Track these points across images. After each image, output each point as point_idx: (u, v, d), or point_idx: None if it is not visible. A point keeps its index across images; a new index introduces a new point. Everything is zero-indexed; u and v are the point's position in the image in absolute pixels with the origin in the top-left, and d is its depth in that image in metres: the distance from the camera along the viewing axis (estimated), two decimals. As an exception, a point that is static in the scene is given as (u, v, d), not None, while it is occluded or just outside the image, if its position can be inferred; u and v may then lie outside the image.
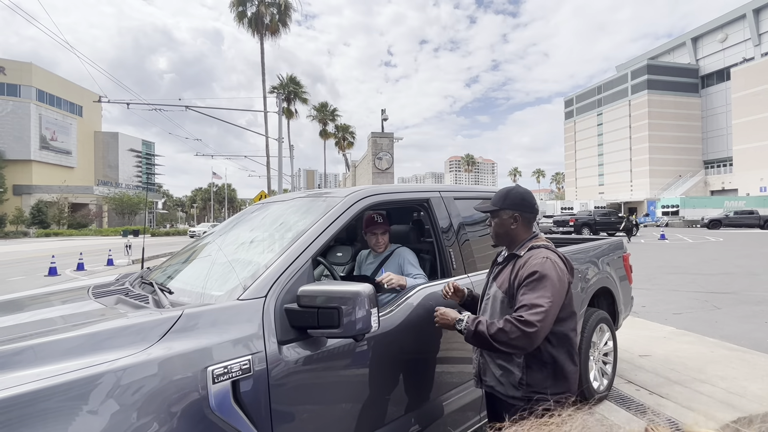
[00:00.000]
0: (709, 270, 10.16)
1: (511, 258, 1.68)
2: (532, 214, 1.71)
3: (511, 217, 1.69)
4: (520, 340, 1.42)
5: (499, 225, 1.71)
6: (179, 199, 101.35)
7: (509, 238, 1.70)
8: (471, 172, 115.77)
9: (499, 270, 1.72)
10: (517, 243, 1.69)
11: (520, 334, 1.42)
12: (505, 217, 1.70)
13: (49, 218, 44.52)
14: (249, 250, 1.99)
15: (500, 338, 1.45)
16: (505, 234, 1.70)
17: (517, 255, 1.65)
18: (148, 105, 16.89)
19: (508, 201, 1.69)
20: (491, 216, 1.75)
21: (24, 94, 49.95)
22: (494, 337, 1.46)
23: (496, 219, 1.72)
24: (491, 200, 1.75)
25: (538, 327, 1.41)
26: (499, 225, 1.71)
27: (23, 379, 1.00)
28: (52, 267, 11.69)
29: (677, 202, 42.72)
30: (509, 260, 1.68)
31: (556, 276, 1.50)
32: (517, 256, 1.65)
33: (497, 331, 1.45)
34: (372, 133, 21.00)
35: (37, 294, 2.12)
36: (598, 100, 66.32)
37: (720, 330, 5.05)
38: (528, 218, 1.71)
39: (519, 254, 1.65)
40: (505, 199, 1.70)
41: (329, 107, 47.64)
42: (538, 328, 1.41)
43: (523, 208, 1.69)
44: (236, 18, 28.26)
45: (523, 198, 1.71)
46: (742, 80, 48.51)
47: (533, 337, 1.42)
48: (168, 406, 1.13)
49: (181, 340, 1.24)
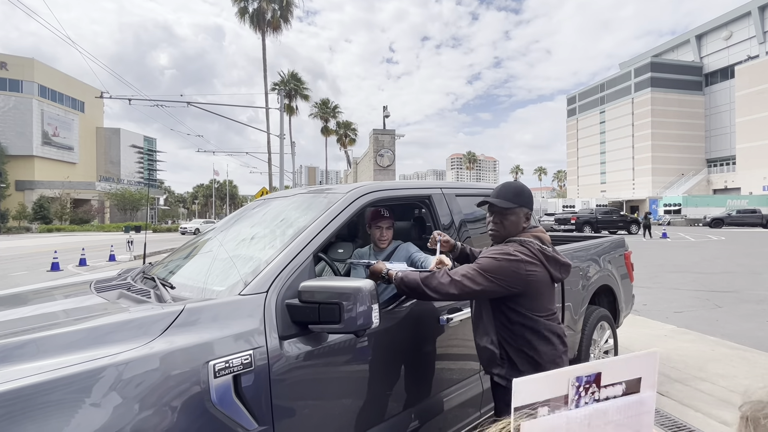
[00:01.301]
0: (711, 269, 10.14)
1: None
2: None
3: (525, 215, 1.69)
4: (445, 286, 1.57)
5: (513, 224, 1.67)
6: (181, 196, 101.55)
7: (513, 235, 1.69)
8: (472, 170, 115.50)
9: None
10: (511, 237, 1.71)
11: (448, 280, 1.57)
12: (521, 215, 1.68)
13: (51, 214, 44.66)
14: (250, 246, 1.99)
15: (429, 282, 1.59)
16: (515, 232, 1.68)
17: (493, 245, 1.76)
18: (149, 101, 16.89)
19: (523, 199, 1.67)
20: (502, 213, 1.68)
21: (26, 89, 49.99)
22: (425, 281, 1.59)
23: (512, 217, 1.66)
24: (500, 197, 1.68)
25: (460, 278, 1.56)
26: (512, 224, 1.67)
27: (26, 372, 1.01)
28: (55, 262, 11.73)
29: (679, 200, 42.58)
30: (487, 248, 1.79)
31: (506, 260, 1.56)
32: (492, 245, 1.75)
33: (430, 275, 1.60)
34: (373, 130, 20.96)
35: (39, 288, 2.13)
36: (600, 97, 66.00)
37: (721, 328, 5.05)
38: (532, 215, 1.73)
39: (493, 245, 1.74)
40: (520, 197, 1.67)
41: (331, 104, 47.59)
42: (458, 279, 1.56)
43: (531, 205, 1.71)
44: (238, 14, 28.19)
45: (531, 195, 1.73)
46: (746, 78, 48.18)
47: (455, 285, 1.56)
48: (169, 400, 1.13)
49: (183, 334, 1.25)
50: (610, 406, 0.63)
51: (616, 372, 0.64)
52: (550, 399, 0.62)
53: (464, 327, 2.07)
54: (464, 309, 2.06)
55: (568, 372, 0.63)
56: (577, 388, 0.62)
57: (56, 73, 54.75)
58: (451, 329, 2.02)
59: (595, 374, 0.63)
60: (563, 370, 0.64)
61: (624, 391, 0.64)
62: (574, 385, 0.62)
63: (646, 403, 0.64)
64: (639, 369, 0.65)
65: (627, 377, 0.64)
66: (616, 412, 0.63)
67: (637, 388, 0.64)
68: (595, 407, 0.63)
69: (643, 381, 0.64)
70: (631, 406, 0.63)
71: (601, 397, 0.63)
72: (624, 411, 0.63)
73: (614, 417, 0.63)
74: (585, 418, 0.63)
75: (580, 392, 0.63)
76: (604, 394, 0.63)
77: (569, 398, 0.62)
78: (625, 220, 26.74)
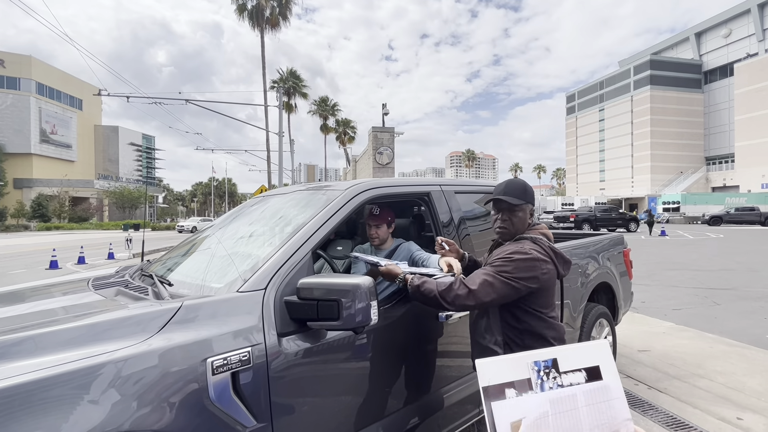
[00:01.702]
0: (709, 266, 10.16)
1: (496, 246, 1.76)
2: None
3: (530, 211, 1.70)
4: (462, 298, 1.52)
5: (521, 221, 1.68)
6: (180, 194, 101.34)
7: (521, 232, 1.69)
8: (472, 168, 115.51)
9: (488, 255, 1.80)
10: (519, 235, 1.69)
11: (465, 291, 1.52)
12: (527, 211, 1.69)
13: (49, 212, 44.57)
14: (248, 243, 1.99)
15: (446, 294, 1.54)
16: (522, 229, 1.69)
17: (502, 243, 1.73)
18: (148, 98, 16.83)
19: (529, 195, 1.69)
20: (512, 210, 1.67)
21: (24, 87, 49.77)
22: (442, 294, 1.54)
23: (520, 213, 1.67)
24: (509, 194, 1.67)
25: (477, 288, 1.51)
26: (521, 221, 1.68)
27: (24, 369, 1.01)
28: (53, 260, 11.72)
29: (678, 198, 42.65)
30: (495, 247, 1.77)
31: (523, 259, 1.54)
32: (501, 244, 1.73)
33: (447, 288, 1.54)
34: (373, 127, 20.93)
35: (38, 285, 2.13)
36: (600, 95, 65.96)
37: (719, 326, 5.06)
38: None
39: (506, 244, 1.71)
40: (525, 193, 1.68)
41: (330, 102, 47.47)
42: (478, 289, 1.51)
43: (534, 201, 1.72)
44: (236, 11, 28.09)
45: (533, 191, 1.74)
46: (745, 76, 48.18)
47: (473, 296, 1.51)
48: (168, 397, 1.13)
49: (181, 331, 1.24)
50: (577, 391, 0.68)
51: (571, 359, 0.70)
52: (515, 381, 0.68)
53: (463, 324, 2.07)
54: (463, 306, 2.05)
55: (526, 356, 0.70)
56: (538, 372, 0.69)
57: (54, 71, 54.51)
58: (450, 326, 2.02)
59: (551, 359, 0.69)
60: (520, 355, 0.71)
61: (586, 378, 0.69)
62: (534, 369, 0.69)
63: (613, 390, 0.68)
64: (593, 357, 0.71)
65: (584, 364, 0.70)
66: (584, 397, 0.68)
67: (599, 375, 0.69)
68: (561, 391, 0.68)
69: (602, 368, 0.69)
70: (598, 392, 0.68)
71: (564, 383, 0.69)
72: (593, 396, 0.68)
73: (585, 401, 0.67)
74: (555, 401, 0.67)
75: (542, 376, 0.69)
76: (567, 380, 0.69)
77: (533, 382, 0.68)
78: (623, 217, 26.78)
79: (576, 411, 0.68)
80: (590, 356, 0.71)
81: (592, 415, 0.68)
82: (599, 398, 0.68)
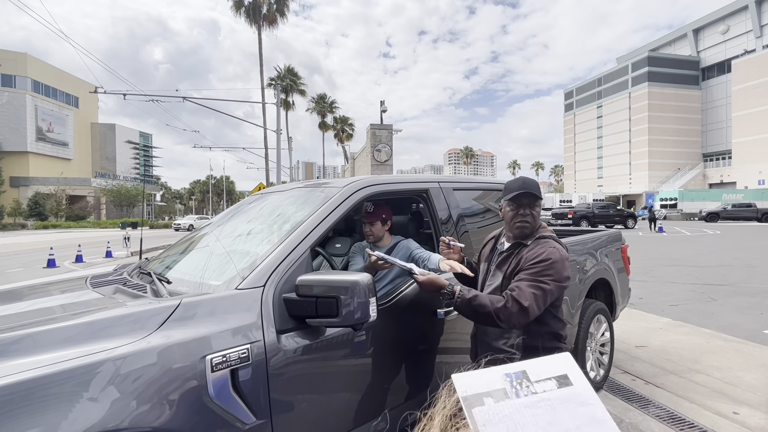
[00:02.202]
0: (706, 262, 10.21)
1: (517, 246, 1.68)
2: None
3: (541, 207, 1.72)
4: (516, 316, 1.49)
5: (539, 215, 1.69)
6: (178, 192, 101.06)
7: (538, 227, 1.70)
8: (470, 165, 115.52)
9: (503, 258, 1.71)
10: (535, 233, 1.68)
11: (518, 309, 1.48)
12: (541, 207, 1.70)
13: (46, 210, 44.39)
14: (247, 241, 1.99)
15: (500, 313, 1.49)
16: (538, 224, 1.69)
17: (524, 244, 1.66)
18: (144, 96, 16.74)
19: (540, 192, 1.70)
20: (534, 206, 1.66)
21: (19, 84, 49.42)
22: (497, 312, 1.49)
23: (538, 208, 1.67)
24: (533, 189, 1.65)
25: (529, 303, 1.48)
26: (539, 215, 1.69)
27: (23, 367, 1.01)
28: (51, 259, 11.68)
29: (676, 195, 42.82)
30: (515, 249, 1.69)
31: (560, 261, 1.55)
32: (524, 245, 1.66)
33: (502, 306, 1.50)
34: (371, 125, 20.88)
35: (35, 284, 2.12)
36: (598, 92, 65.98)
37: (716, 321, 5.09)
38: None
39: (526, 243, 1.66)
40: (539, 190, 1.68)
41: (328, 99, 47.34)
42: (531, 303, 1.48)
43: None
44: (233, 7, 27.92)
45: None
46: (742, 72, 48.27)
47: (527, 313, 1.48)
48: (167, 394, 1.13)
49: (180, 328, 1.24)
50: (551, 396, 0.72)
51: (539, 369, 0.75)
52: (491, 391, 0.72)
53: (461, 320, 2.07)
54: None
55: (497, 370, 0.76)
56: (511, 382, 0.73)
57: (50, 68, 54.14)
58: (448, 322, 2.02)
59: (521, 371, 0.75)
60: (493, 369, 0.77)
61: (557, 386, 0.73)
62: (507, 380, 0.73)
63: (585, 395, 0.71)
64: (559, 367, 0.75)
65: (552, 374, 0.74)
66: (559, 401, 0.71)
67: (569, 382, 0.73)
68: (537, 397, 0.72)
69: (570, 376, 0.73)
70: (571, 397, 0.71)
71: (537, 390, 0.73)
72: (567, 399, 0.71)
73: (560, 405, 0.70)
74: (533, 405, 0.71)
75: (515, 386, 0.73)
76: (540, 388, 0.73)
77: (507, 391, 0.72)
78: (621, 214, 26.86)
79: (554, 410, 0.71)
80: (557, 366, 0.76)
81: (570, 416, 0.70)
82: (575, 401, 0.71)
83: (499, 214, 1.87)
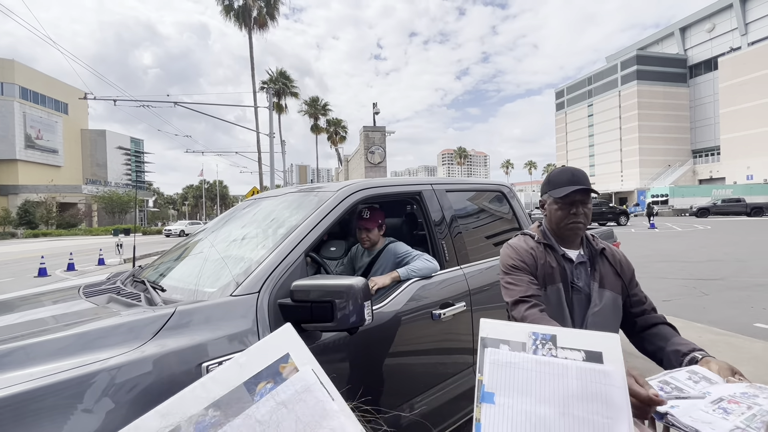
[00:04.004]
0: (698, 257, 10.34)
1: (599, 253, 1.48)
2: None
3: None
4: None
5: (590, 212, 1.46)
6: (170, 197, 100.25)
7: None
8: (464, 165, 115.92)
9: (593, 270, 1.44)
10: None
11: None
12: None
13: (36, 218, 43.77)
14: (241, 247, 1.98)
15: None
16: (589, 222, 1.49)
17: (603, 248, 1.50)
18: (135, 101, 16.61)
19: (590, 183, 1.50)
20: (585, 203, 1.43)
21: (7, 91, 48.81)
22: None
23: (589, 205, 1.45)
24: (582, 184, 1.41)
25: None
26: (590, 212, 1.45)
27: (15, 380, 1.00)
28: (42, 268, 11.52)
29: (666, 191, 43.28)
30: (597, 256, 1.47)
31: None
32: (603, 249, 1.50)
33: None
34: (364, 127, 20.89)
35: (27, 294, 2.09)
36: (588, 91, 66.68)
37: (708, 315, 5.17)
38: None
39: (603, 246, 1.50)
40: (589, 181, 1.47)
41: (320, 102, 47.31)
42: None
43: None
44: (223, 11, 27.83)
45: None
46: (729, 70, 49.07)
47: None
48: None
49: (175, 337, 1.24)
50: (570, 364, 0.70)
51: (571, 339, 0.72)
52: (510, 341, 0.73)
53: (457, 321, 2.09)
54: (456, 304, 2.07)
55: (527, 326, 0.75)
56: (534, 340, 0.73)
57: (38, 75, 53.51)
58: (444, 324, 2.03)
59: (550, 335, 0.73)
60: (523, 324, 0.76)
61: (584, 359, 0.70)
62: (531, 337, 0.73)
63: (613, 377, 0.67)
64: (598, 344, 0.71)
65: (585, 347, 0.71)
66: (577, 372, 0.69)
67: (600, 359, 0.69)
68: (555, 360, 0.71)
69: (605, 356, 0.69)
70: (594, 374, 0.68)
71: (558, 356, 0.71)
72: (586, 375, 0.68)
73: (577, 374, 0.69)
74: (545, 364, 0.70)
75: (537, 344, 0.72)
76: (562, 354, 0.71)
77: (527, 346, 0.73)
78: (614, 211, 27.15)
79: (565, 378, 0.68)
80: (594, 342, 0.71)
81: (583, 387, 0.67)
82: (595, 378, 0.68)
83: (493, 215, 1.84)
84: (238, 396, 0.64)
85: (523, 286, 1.37)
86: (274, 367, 0.68)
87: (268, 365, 0.68)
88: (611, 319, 1.40)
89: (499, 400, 0.69)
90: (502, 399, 0.69)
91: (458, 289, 2.14)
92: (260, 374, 0.67)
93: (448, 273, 2.17)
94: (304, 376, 0.68)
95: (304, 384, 0.66)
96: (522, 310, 1.31)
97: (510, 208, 2.90)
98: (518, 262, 1.44)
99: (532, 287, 1.37)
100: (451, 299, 2.08)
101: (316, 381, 0.67)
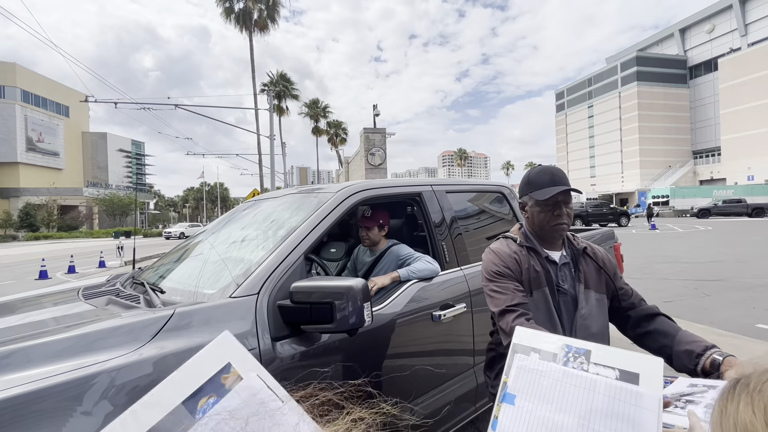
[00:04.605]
0: (699, 258, 10.32)
1: (582, 252, 1.46)
2: None
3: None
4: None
5: (572, 211, 1.44)
6: (171, 199, 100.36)
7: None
8: (464, 167, 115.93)
9: (576, 271, 1.43)
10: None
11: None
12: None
13: (38, 221, 43.86)
14: (241, 248, 1.98)
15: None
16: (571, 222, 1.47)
17: (585, 246, 1.47)
18: (136, 104, 16.65)
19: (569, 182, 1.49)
20: (567, 203, 1.40)
21: (8, 95, 48.99)
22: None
23: (570, 204, 1.42)
24: (563, 185, 1.39)
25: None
26: (572, 211, 1.43)
27: (15, 381, 1.00)
28: (43, 270, 11.52)
29: (667, 192, 43.23)
30: (580, 255, 1.45)
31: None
32: (585, 248, 1.47)
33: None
34: (364, 128, 20.92)
35: (27, 296, 2.09)
36: (588, 92, 66.73)
37: (709, 316, 5.15)
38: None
39: (585, 245, 1.48)
40: (568, 180, 1.46)
41: (320, 104, 47.40)
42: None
43: None
44: (223, 14, 27.90)
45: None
46: (729, 70, 49.09)
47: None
48: (162, 405, 1.12)
49: (174, 339, 1.24)
50: (600, 380, 0.68)
51: (607, 356, 0.70)
52: (541, 350, 0.73)
53: (457, 323, 2.08)
54: (457, 305, 2.07)
55: (563, 339, 0.75)
56: (567, 352, 0.72)
57: (39, 78, 53.71)
58: (444, 325, 2.03)
59: (586, 349, 0.72)
60: (558, 336, 0.76)
61: (618, 377, 0.68)
62: (564, 349, 0.73)
63: (646, 400, 0.64)
64: (636, 364, 0.68)
65: (621, 366, 0.68)
66: (606, 388, 0.67)
67: (635, 381, 0.66)
68: (583, 373, 0.70)
69: (642, 377, 0.67)
70: (625, 393, 0.66)
71: (589, 371, 0.70)
72: (617, 393, 0.66)
73: (605, 391, 0.67)
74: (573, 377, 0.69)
75: (569, 357, 0.72)
76: (594, 370, 0.69)
77: (558, 356, 0.72)
78: (615, 212, 27.11)
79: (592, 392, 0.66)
80: (633, 363, 0.68)
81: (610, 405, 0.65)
82: (626, 398, 0.65)
83: (494, 215, 1.84)
84: (178, 418, 0.58)
85: (509, 294, 1.34)
86: (216, 380, 0.62)
87: (208, 378, 0.62)
88: (600, 320, 1.40)
89: (520, 402, 0.71)
90: (523, 402, 0.70)
91: (458, 290, 2.14)
92: (201, 390, 0.61)
93: (449, 274, 2.17)
94: (250, 383, 0.62)
95: (250, 391, 0.61)
96: (509, 320, 1.29)
97: (510, 209, 2.90)
98: (502, 268, 1.40)
99: (518, 295, 1.34)
100: (451, 300, 2.07)
101: (263, 386, 0.62)
